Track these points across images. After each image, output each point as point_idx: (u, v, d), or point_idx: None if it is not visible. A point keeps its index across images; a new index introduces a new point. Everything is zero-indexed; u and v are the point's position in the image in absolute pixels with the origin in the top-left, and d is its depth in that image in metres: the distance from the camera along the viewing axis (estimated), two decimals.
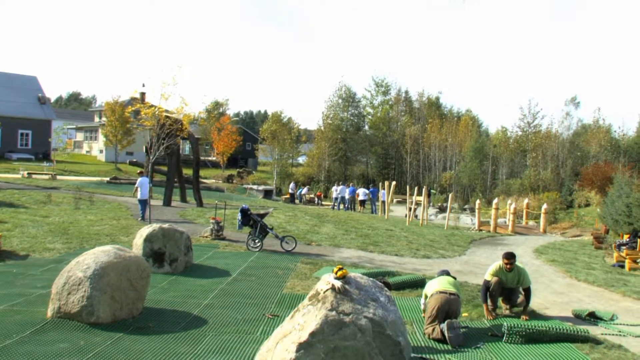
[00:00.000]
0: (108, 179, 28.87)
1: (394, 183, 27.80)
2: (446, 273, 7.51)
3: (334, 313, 4.67)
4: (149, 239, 9.50)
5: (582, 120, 49.40)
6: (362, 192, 29.79)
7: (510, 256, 7.59)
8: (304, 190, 35.84)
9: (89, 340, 5.77)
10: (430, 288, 7.09)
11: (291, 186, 35.24)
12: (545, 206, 22.87)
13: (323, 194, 37.95)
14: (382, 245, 14.36)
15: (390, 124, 54.76)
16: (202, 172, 35.05)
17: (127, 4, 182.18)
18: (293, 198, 33.72)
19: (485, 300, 7.62)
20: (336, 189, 29.80)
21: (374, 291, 5.17)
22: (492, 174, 46.22)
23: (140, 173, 16.98)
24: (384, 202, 26.28)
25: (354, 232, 16.11)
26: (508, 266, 7.56)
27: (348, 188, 29.75)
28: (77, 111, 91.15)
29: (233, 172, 46.20)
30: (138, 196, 15.53)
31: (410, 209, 23.74)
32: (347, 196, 29.22)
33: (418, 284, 9.25)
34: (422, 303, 7.31)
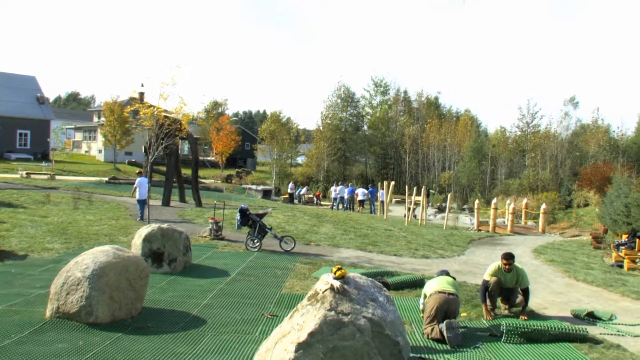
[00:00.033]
0: (107, 179, 28.81)
1: (392, 183, 27.81)
2: (445, 273, 7.52)
3: (332, 313, 4.67)
4: (147, 239, 9.50)
5: (581, 120, 49.43)
6: (361, 192, 29.81)
7: (509, 257, 7.60)
8: (303, 190, 35.84)
9: (88, 341, 5.77)
10: (429, 288, 7.10)
11: (290, 186, 35.22)
12: (544, 206, 22.89)
13: (322, 194, 37.94)
14: (381, 245, 14.37)
15: (389, 124, 54.71)
16: (201, 172, 35.04)
17: (127, 4, 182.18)
18: (292, 198, 33.71)
19: (484, 300, 7.62)
20: (335, 189, 29.83)
21: (372, 291, 5.18)
22: (491, 174, 46.23)
23: (139, 173, 16.99)
24: (382, 202, 26.30)
25: (353, 232, 16.11)
26: (507, 267, 7.56)
27: (347, 188, 29.78)
28: (76, 111, 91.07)
29: (232, 172, 46.17)
30: (137, 196, 15.52)
31: (409, 209, 23.73)
32: (346, 196, 29.25)
33: (417, 284, 9.26)
34: (421, 303, 7.31)
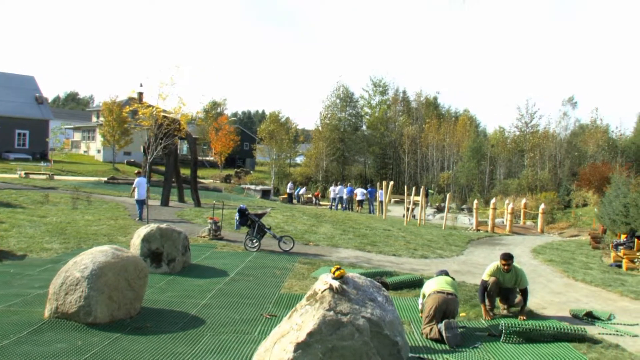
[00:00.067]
0: (106, 179, 28.79)
1: (391, 183, 27.84)
2: (445, 273, 7.52)
3: (331, 313, 4.67)
4: (146, 239, 9.49)
5: (580, 121, 49.46)
6: (360, 192, 29.82)
7: (507, 257, 7.60)
8: (301, 190, 35.84)
9: (87, 341, 5.77)
10: (428, 288, 7.10)
11: (289, 186, 35.23)
12: (542, 206, 22.91)
13: (321, 194, 37.95)
14: (380, 245, 14.37)
15: (388, 124, 54.70)
16: (200, 172, 35.02)
17: (126, 4, 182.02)
18: (291, 198, 33.71)
19: (483, 300, 7.62)
20: (334, 189, 29.84)
21: (371, 291, 5.18)
22: (490, 174, 46.27)
23: (138, 173, 16.98)
24: (381, 202, 26.31)
25: (352, 232, 16.11)
26: (506, 267, 7.56)
27: (346, 188, 29.78)
28: (75, 111, 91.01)
29: (231, 172, 46.18)
30: (135, 196, 15.50)
31: (408, 209, 23.75)
32: (345, 196, 29.26)
33: (416, 284, 9.27)
34: (420, 303, 7.32)
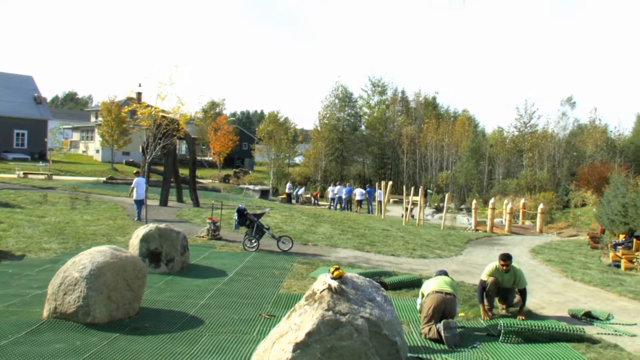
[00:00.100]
0: (104, 179, 28.78)
1: (390, 183, 27.85)
2: (444, 273, 7.52)
3: (330, 313, 4.66)
4: (145, 239, 9.48)
5: (579, 121, 49.60)
6: (359, 192, 29.83)
7: (506, 257, 7.60)
8: (300, 190, 35.83)
9: (85, 341, 5.76)
10: (426, 288, 7.10)
11: (288, 186, 35.24)
12: (541, 206, 22.94)
13: (319, 194, 37.95)
14: (379, 245, 14.37)
15: (387, 124, 54.75)
16: (199, 172, 35.02)
17: (125, 4, 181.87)
18: (290, 198, 33.70)
19: (482, 300, 7.63)
20: (333, 189, 29.84)
21: (370, 291, 5.18)
22: (489, 174, 46.34)
23: (137, 173, 16.97)
24: (380, 202, 26.32)
25: (351, 232, 16.11)
26: (504, 267, 7.57)
27: (345, 188, 29.78)
28: (74, 111, 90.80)
29: (229, 172, 46.20)
30: (134, 196, 15.48)
31: (406, 209, 23.76)
32: (344, 196, 29.26)
33: (415, 284, 9.27)
34: (419, 303, 7.32)
